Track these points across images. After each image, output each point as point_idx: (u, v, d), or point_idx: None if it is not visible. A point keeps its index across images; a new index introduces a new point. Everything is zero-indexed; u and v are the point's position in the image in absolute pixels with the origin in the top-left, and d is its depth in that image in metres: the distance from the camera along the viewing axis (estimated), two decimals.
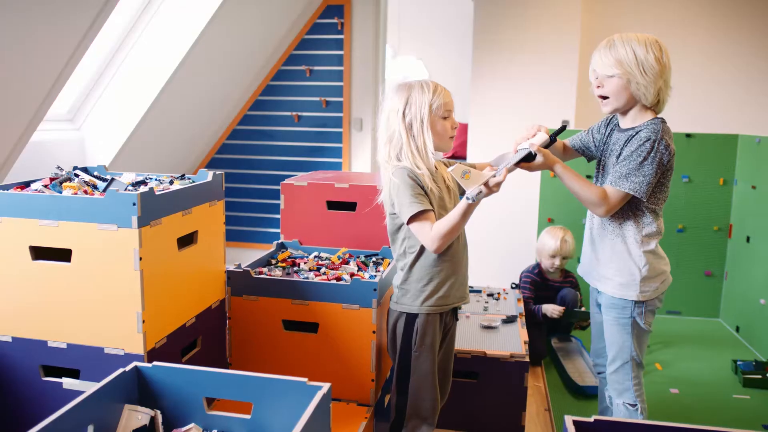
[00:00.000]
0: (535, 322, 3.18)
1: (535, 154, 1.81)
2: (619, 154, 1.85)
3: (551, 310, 3.15)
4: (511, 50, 4.06)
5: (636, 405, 1.92)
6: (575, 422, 1.27)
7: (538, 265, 3.35)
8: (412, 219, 1.73)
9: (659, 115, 1.85)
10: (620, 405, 1.94)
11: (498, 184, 1.65)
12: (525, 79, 4.03)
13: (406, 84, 1.82)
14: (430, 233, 1.71)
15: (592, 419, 1.29)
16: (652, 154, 1.76)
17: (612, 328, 1.93)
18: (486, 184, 1.65)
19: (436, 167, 1.85)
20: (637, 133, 1.81)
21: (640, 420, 1.36)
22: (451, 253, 1.82)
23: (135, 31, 3.44)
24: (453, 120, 1.84)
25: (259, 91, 4.51)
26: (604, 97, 1.85)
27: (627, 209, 1.86)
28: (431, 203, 1.77)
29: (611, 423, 1.30)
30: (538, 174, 3.56)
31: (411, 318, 1.82)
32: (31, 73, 2.40)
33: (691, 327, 3.60)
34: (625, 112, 1.87)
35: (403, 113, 1.79)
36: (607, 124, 1.99)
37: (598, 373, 2.18)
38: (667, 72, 1.80)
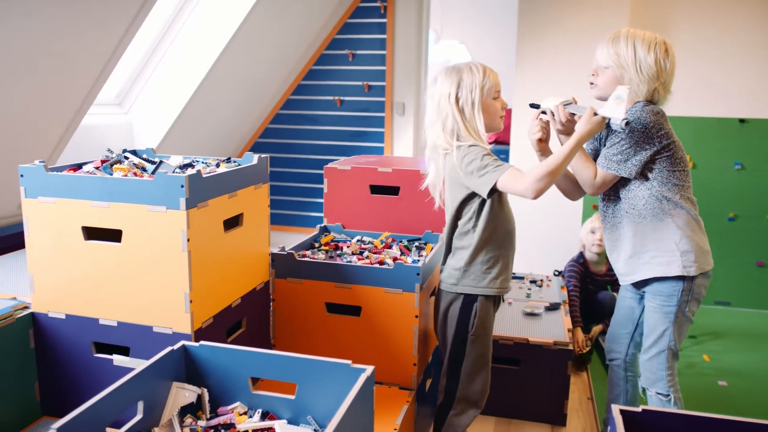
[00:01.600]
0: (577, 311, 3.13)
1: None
2: (605, 139, 1.92)
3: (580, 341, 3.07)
4: (556, 33, 3.97)
5: (669, 395, 1.90)
6: (622, 412, 1.25)
7: (581, 255, 3.29)
8: (502, 178, 1.74)
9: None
10: (653, 395, 1.92)
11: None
12: (571, 63, 3.94)
13: (455, 67, 1.85)
14: (528, 177, 1.71)
15: (639, 409, 1.27)
16: (632, 135, 1.81)
17: (654, 315, 1.91)
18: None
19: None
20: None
21: (690, 411, 1.33)
22: (509, 236, 1.89)
23: (180, 17, 3.49)
24: (502, 100, 1.89)
25: (301, 76, 4.52)
26: (592, 84, 1.93)
27: (647, 191, 1.86)
28: None
29: (659, 413, 1.28)
30: None
31: (469, 300, 1.85)
32: (81, 59, 2.45)
33: (741, 318, 3.50)
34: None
35: (456, 96, 1.82)
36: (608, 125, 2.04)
37: (610, 360, 2.18)
38: (666, 75, 1.85)
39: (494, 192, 1.78)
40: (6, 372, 1.66)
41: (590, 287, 3.25)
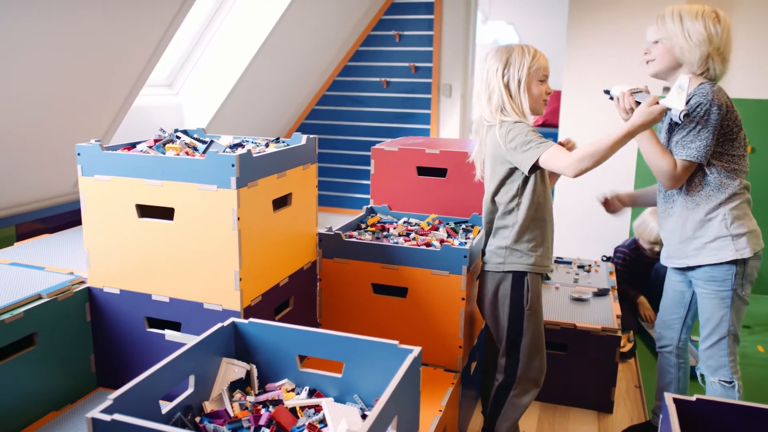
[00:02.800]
0: (626, 298, 3.08)
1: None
2: (671, 126, 1.87)
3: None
4: (608, 14, 3.85)
5: (732, 382, 1.86)
6: (676, 401, 1.22)
7: (634, 242, 3.22)
8: (544, 155, 1.74)
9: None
10: (715, 383, 1.88)
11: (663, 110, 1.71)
12: (623, 44, 3.82)
13: (507, 46, 1.87)
14: (571, 155, 1.70)
15: (693, 398, 1.24)
16: (705, 118, 1.77)
17: (710, 302, 1.87)
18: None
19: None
20: (687, 101, 1.80)
21: (745, 402, 1.29)
22: (550, 215, 1.90)
23: (228, 0, 3.51)
24: (548, 85, 1.88)
25: (348, 57, 4.51)
26: (647, 61, 1.90)
27: (704, 176, 1.84)
28: None
29: (714, 403, 1.24)
30: (634, 145, 3.40)
31: (519, 276, 1.86)
32: (133, 42, 2.49)
33: None
34: (668, 77, 1.89)
35: (503, 73, 1.84)
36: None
37: (661, 347, 2.14)
38: (719, 41, 1.80)
39: (536, 169, 1.78)
40: (64, 344, 1.72)
41: (642, 270, 3.19)
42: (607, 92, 1.90)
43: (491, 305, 1.92)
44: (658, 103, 1.70)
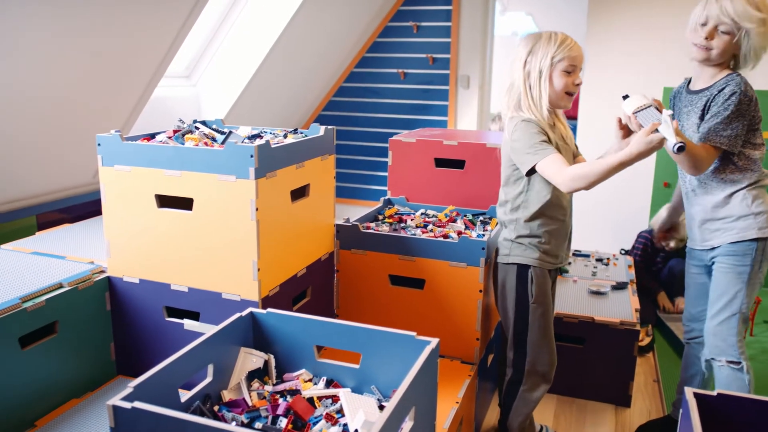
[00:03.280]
0: (644, 289, 3.06)
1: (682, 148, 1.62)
2: (703, 113, 1.83)
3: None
4: (629, 5, 3.80)
5: (741, 363, 1.84)
6: (696, 395, 1.21)
7: None
8: (541, 163, 1.71)
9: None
10: (724, 366, 1.85)
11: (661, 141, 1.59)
12: (644, 37, 3.77)
13: (536, 34, 1.80)
14: (566, 172, 1.67)
15: (714, 393, 1.22)
16: (739, 108, 1.75)
17: (726, 276, 1.86)
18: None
19: (555, 122, 1.84)
20: (721, 90, 1.79)
21: (766, 398, 1.27)
22: (564, 213, 1.84)
23: None
24: (577, 77, 1.78)
25: (365, 48, 4.50)
26: (707, 48, 1.80)
27: (726, 162, 1.83)
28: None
29: (735, 398, 1.23)
30: None
31: (524, 269, 1.84)
32: (152, 34, 2.50)
33: None
34: (711, 68, 1.85)
35: (525, 62, 1.78)
36: (673, 97, 2.03)
37: (690, 339, 2.11)
38: None
39: (534, 172, 1.75)
40: (84, 332, 1.73)
41: (659, 261, 3.18)
42: (626, 98, 1.75)
43: (500, 297, 1.91)
44: (658, 130, 1.58)
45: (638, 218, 3.70)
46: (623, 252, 3.33)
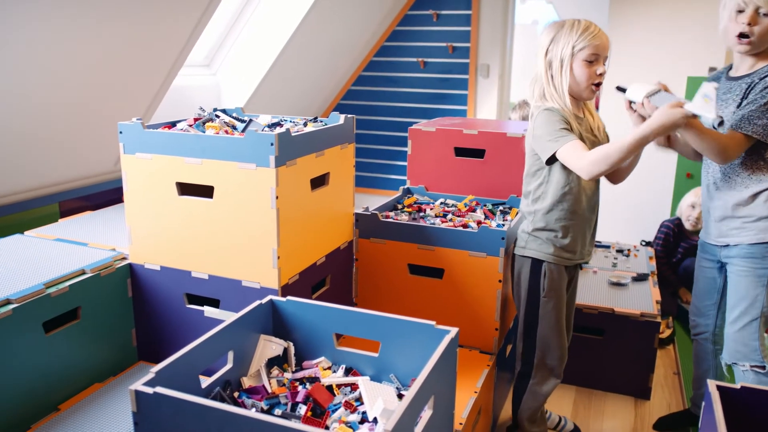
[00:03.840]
0: (665, 280, 3.03)
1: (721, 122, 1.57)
2: (741, 101, 1.77)
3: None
4: None
5: (765, 367, 1.80)
6: (719, 388, 1.19)
7: (679, 218, 3.18)
8: (561, 150, 1.68)
9: None
10: (747, 371, 1.82)
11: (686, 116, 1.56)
12: (668, 26, 3.71)
13: (560, 22, 1.76)
14: (586, 157, 1.63)
15: (738, 386, 1.21)
16: None
17: (744, 280, 1.82)
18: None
19: (584, 113, 1.81)
20: (762, 77, 1.73)
21: None
22: (584, 207, 1.80)
23: None
24: (600, 66, 1.72)
25: (385, 37, 4.48)
26: (749, 36, 1.74)
27: (755, 157, 1.77)
28: None
29: (760, 392, 1.21)
30: None
31: (538, 264, 1.82)
32: (172, 23, 2.51)
33: None
34: (752, 56, 1.80)
35: (546, 51, 1.75)
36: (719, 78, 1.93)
37: (697, 334, 2.09)
38: None
39: (554, 161, 1.72)
40: (106, 318, 1.75)
41: (681, 249, 3.15)
42: (621, 89, 1.74)
43: (515, 287, 1.91)
44: (682, 106, 1.56)
45: (660, 209, 3.66)
46: (644, 243, 3.30)
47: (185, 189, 1.70)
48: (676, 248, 3.18)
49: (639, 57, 3.77)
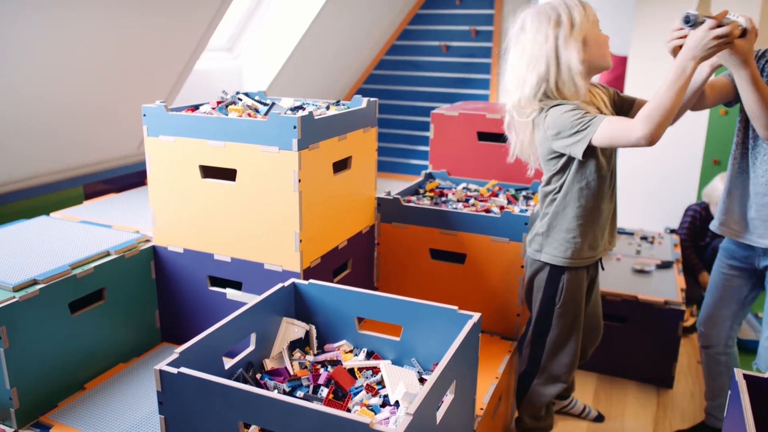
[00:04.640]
0: (689, 267, 2.99)
1: (745, 31, 1.47)
2: None
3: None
4: None
5: None
6: (746, 377, 1.17)
7: (705, 203, 3.11)
8: (598, 133, 1.51)
9: None
10: None
11: (718, 36, 1.43)
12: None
13: (542, 9, 1.61)
14: (634, 122, 1.47)
15: (766, 375, 1.18)
16: None
17: None
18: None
19: (592, 93, 1.70)
20: (759, 58, 1.65)
21: None
22: (603, 200, 1.68)
23: None
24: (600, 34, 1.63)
25: (407, 20, 4.44)
26: None
27: None
28: None
29: None
30: (705, 111, 3.24)
31: (556, 271, 1.72)
32: (194, 7, 2.51)
33: None
34: None
35: (555, 37, 1.58)
36: (758, 59, 1.72)
37: (706, 347, 1.97)
38: None
39: (591, 151, 1.57)
40: (130, 299, 1.77)
41: (707, 237, 3.09)
42: (687, 20, 1.50)
43: (527, 290, 1.82)
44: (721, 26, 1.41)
45: (686, 196, 3.60)
46: (669, 231, 3.26)
47: (208, 172, 1.70)
48: (703, 234, 3.12)
49: (664, 52, 3.69)
